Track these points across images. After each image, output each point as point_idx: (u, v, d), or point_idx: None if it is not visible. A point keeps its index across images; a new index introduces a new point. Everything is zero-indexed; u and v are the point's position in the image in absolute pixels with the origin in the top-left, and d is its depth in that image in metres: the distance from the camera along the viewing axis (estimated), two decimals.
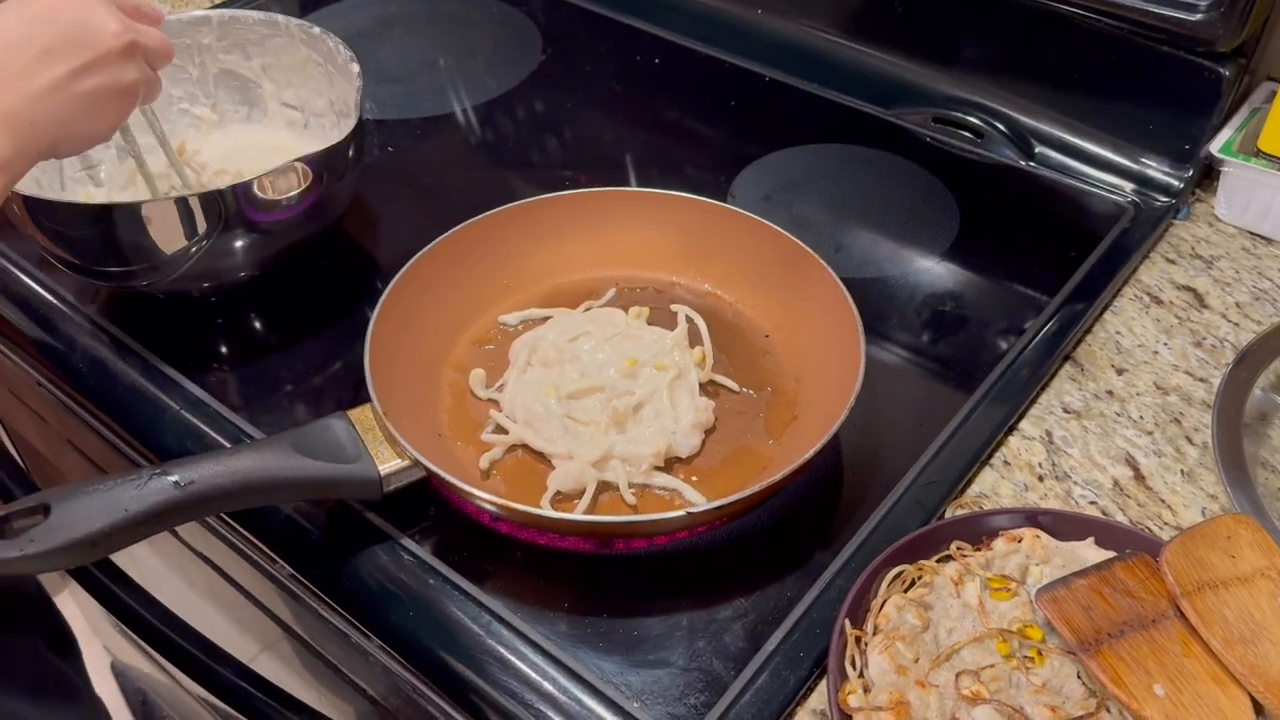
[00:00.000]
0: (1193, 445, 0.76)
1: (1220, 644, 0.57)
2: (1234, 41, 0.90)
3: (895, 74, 1.10)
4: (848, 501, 0.72)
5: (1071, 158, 1.01)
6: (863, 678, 0.58)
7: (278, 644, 0.89)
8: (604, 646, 0.64)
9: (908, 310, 0.87)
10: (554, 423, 0.74)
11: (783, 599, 0.66)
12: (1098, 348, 0.84)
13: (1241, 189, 0.94)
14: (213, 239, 0.78)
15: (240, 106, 0.99)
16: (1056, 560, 0.63)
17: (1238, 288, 0.90)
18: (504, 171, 1.04)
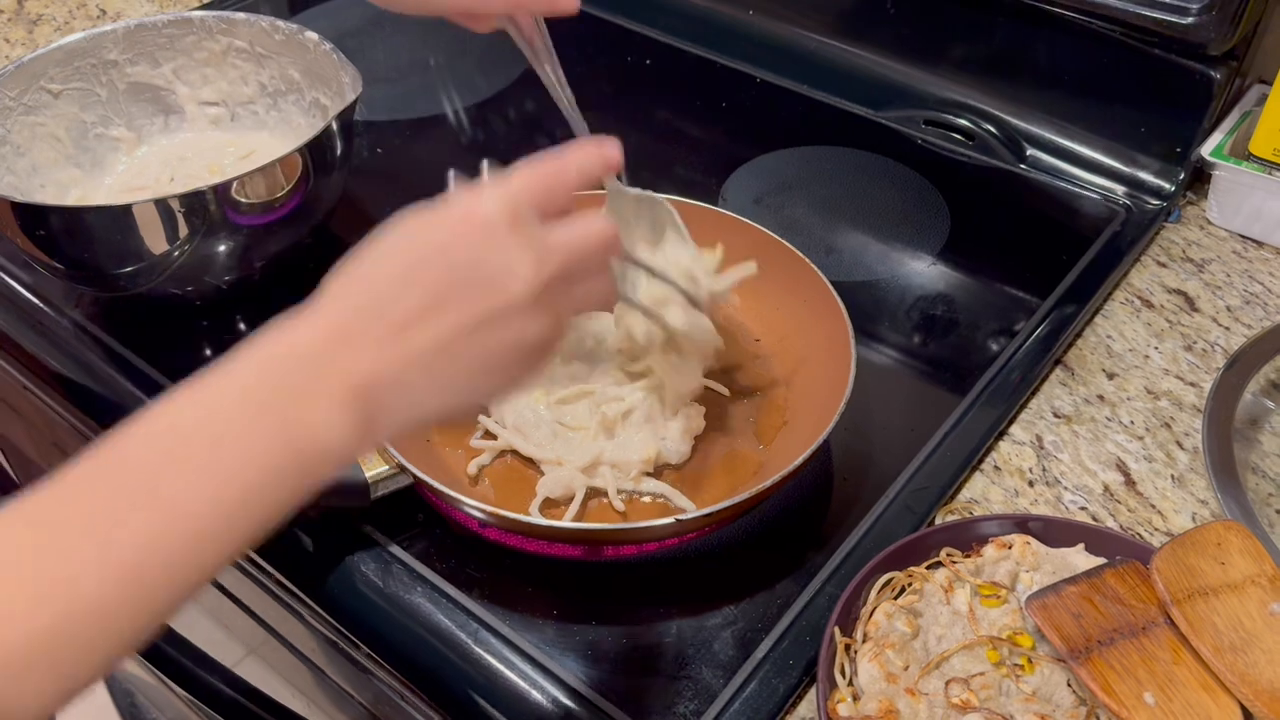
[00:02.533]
0: (1183, 450, 0.76)
1: (1210, 651, 0.56)
2: (1225, 45, 0.90)
3: (887, 76, 1.10)
4: (838, 507, 0.72)
5: (1063, 160, 1.01)
6: (852, 686, 0.58)
7: (264, 649, 0.88)
8: (592, 655, 0.63)
9: (898, 313, 0.87)
10: (543, 428, 0.73)
11: (772, 606, 0.65)
12: (1088, 352, 0.84)
13: (1233, 192, 0.94)
14: (196, 240, 0.78)
15: (155, 117, 0.97)
16: (1047, 567, 0.63)
17: (1229, 291, 0.90)
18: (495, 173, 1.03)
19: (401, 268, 0.46)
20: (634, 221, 0.78)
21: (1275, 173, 0.91)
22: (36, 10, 1.25)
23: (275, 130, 0.98)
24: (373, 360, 0.45)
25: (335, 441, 0.44)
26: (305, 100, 0.95)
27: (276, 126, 0.98)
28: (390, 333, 0.45)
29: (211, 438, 0.42)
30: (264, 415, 0.43)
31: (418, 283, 0.46)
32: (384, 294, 0.46)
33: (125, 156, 0.96)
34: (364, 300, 0.46)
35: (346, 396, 0.44)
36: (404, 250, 0.47)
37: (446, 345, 0.46)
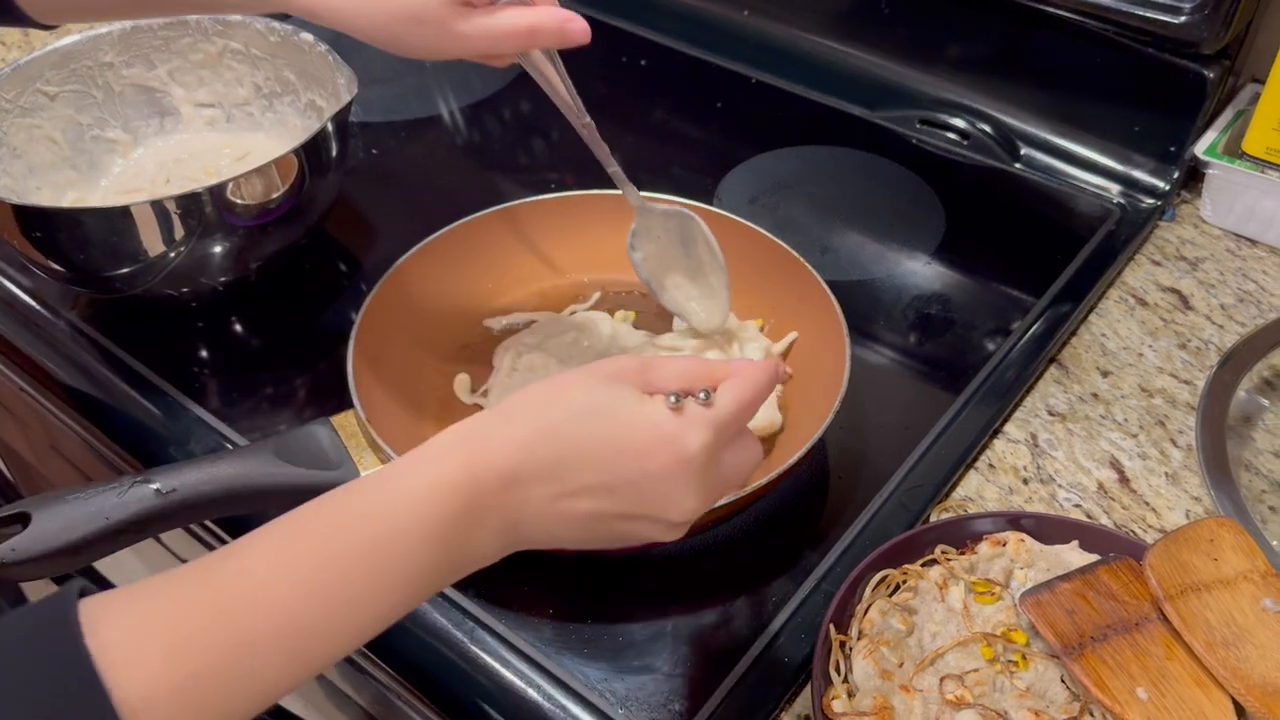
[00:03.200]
0: (1177, 448, 0.77)
1: (1203, 647, 0.57)
2: (1219, 44, 0.91)
3: (881, 76, 1.10)
4: (833, 505, 0.72)
5: (1057, 159, 1.02)
6: (847, 683, 0.58)
7: None
8: (588, 653, 0.63)
9: (894, 312, 0.87)
10: None
11: (767, 604, 0.66)
12: (1083, 350, 0.84)
13: (1226, 191, 0.95)
14: (192, 241, 0.78)
15: (151, 119, 0.97)
16: (1040, 564, 0.63)
17: (1222, 290, 0.90)
18: (490, 174, 1.04)
19: (597, 448, 0.50)
20: (663, 236, 0.80)
21: (1269, 171, 0.91)
22: None
23: (271, 132, 0.98)
24: (535, 511, 0.50)
25: (483, 559, 0.50)
26: (301, 102, 0.95)
27: (272, 128, 0.98)
28: (559, 496, 0.50)
29: (391, 554, 0.47)
30: (438, 542, 0.47)
31: (603, 469, 0.50)
32: (571, 462, 0.50)
33: (121, 158, 0.96)
34: (550, 459, 0.49)
35: (504, 528, 0.50)
36: (608, 433, 0.50)
37: (596, 519, 0.51)
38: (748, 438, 0.55)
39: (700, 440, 0.50)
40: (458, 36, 0.62)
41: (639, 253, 0.80)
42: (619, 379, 0.52)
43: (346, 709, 0.79)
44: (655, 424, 0.50)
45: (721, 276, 0.79)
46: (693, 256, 0.80)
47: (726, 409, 0.52)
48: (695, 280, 0.80)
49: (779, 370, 0.56)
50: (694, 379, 0.53)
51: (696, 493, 0.51)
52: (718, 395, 0.52)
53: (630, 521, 0.52)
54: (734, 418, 0.53)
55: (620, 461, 0.50)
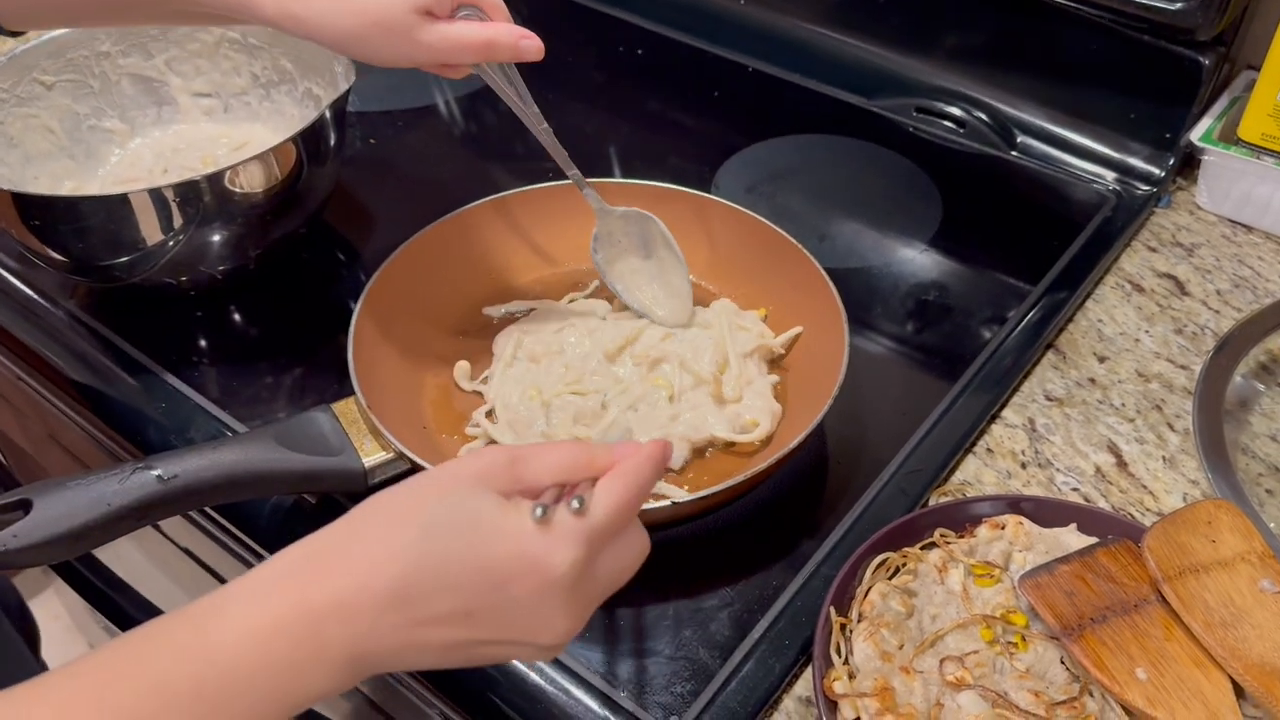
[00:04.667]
0: (1174, 432, 0.77)
1: (1201, 627, 0.57)
2: (1213, 30, 0.91)
3: (878, 64, 1.10)
4: (832, 490, 0.72)
5: (1053, 147, 1.02)
6: (848, 664, 0.59)
7: None
8: (590, 637, 0.64)
9: (891, 300, 0.88)
10: (536, 428, 0.73)
11: (768, 587, 0.66)
12: (1080, 336, 0.85)
13: (1222, 177, 0.95)
14: (190, 230, 0.78)
15: (149, 109, 0.97)
16: (1039, 546, 0.64)
17: (1218, 275, 0.90)
18: (487, 163, 1.04)
19: (453, 571, 0.45)
20: (624, 238, 0.82)
21: (1264, 157, 0.92)
22: None
23: (268, 121, 0.98)
24: (384, 643, 0.45)
25: (325, 693, 0.45)
26: (298, 91, 0.95)
27: (269, 117, 0.98)
28: (412, 624, 0.45)
29: (216, 703, 0.42)
30: (268, 687, 0.43)
31: (461, 595, 0.45)
32: (424, 588, 0.45)
33: (118, 148, 0.96)
34: (400, 584, 0.44)
35: (348, 661, 0.44)
36: (466, 554, 0.45)
37: (455, 647, 0.46)
38: (630, 532, 0.50)
39: (569, 558, 0.45)
40: (420, 45, 0.65)
41: (601, 255, 0.83)
42: (484, 483, 0.47)
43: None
44: (519, 543, 0.45)
45: (682, 274, 0.82)
46: (654, 257, 0.82)
47: (602, 517, 0.47)
48: (657, 280, 0.82)
49: (665, 455, 0.51)
50: (571, 472, 0.48)
51: (567, 614, 0.47)
52: (594, 497, 0.47)
53: (495, 647, 0.47)
54: (610, 524, 0.48)
55: (479, 586, 0.45)
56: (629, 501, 0.48)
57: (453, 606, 0.45)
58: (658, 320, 0.81)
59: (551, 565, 0.45)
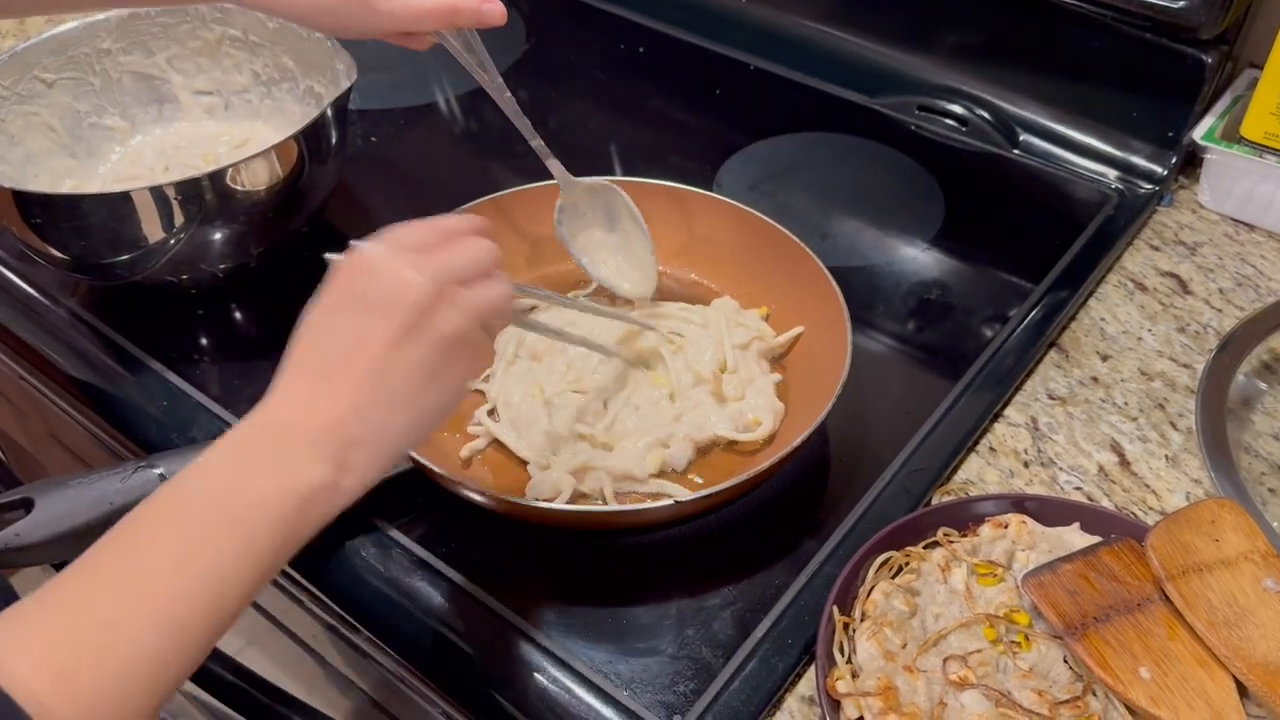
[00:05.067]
0: (1177, 431, 0.77)
1: (1204, 627, 0.57)
2: (1217, 29, 0.91)
3: (880, 62, 1.10)
4: (835, 489, 0.72)
5: (1056, 145, 1.02)
6: (851, 664, 0.58)
7: (266, 637, 0.89)
8: (593, 636, 0.64)
9: (894, 298, 0.87)
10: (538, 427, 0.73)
11: (771, 587, 0.66)
12: (1082, 334, 0.85)
13: (1224, 176, 0.95)
14: (192, 228, 0.78)
15: (150, 106, 0.97)
16: (1042, 546, 0.64)
17: (1221, 274, 0.90)
18: (488, 161, 1.04)
19: (321, 321, 0.53)
20: (589, 211, 0.82)
21: (1267, 156, 0.92)
22: None
23: (269, 119, 0.98)
24: (326, 399, 0.50)
25: (319, 477, 0.49)
26: (299, 88, 0.95)
27: (271, 115, 0.98)
28: (331, 372, 0.51)
29: (214, 500, 0.48)
30: (256, 474, 0.49)
31: (336, 328, 0.52)
32: (315, 345, 0.52)
33: (119, 146, 0.96)
34: (303, 356, 0.52)
35: (317, 438, 0.50)
36: (319, 310, 0.53)
37: (381, 366, 0.51)
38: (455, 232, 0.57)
39: (370, 244, 0.53)
40: (382, 14, 0.66)
41: (565, 226, 0.82)
42: None
43: (350, 693, 0.80)
44: (338, 270, 0.54)
45: (647, 246, 0.82)
46: (619, 230, 0.82)
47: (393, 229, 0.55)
48: (622, 252, 0.83)
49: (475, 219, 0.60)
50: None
51: (405, 267, 0.52)
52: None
53: (405, 343, 0.51)
54: (403, 228, 0.55)
55: (340, 311, 0.52)
56: (422, 223, 0.57)
57: (344, 338, 0.52)
58: (622, 293, 0.82)
59: (360, 253, 0.53)
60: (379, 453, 0.52)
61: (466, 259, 0.55)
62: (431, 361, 0.52)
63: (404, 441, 0.53)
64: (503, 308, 0.57)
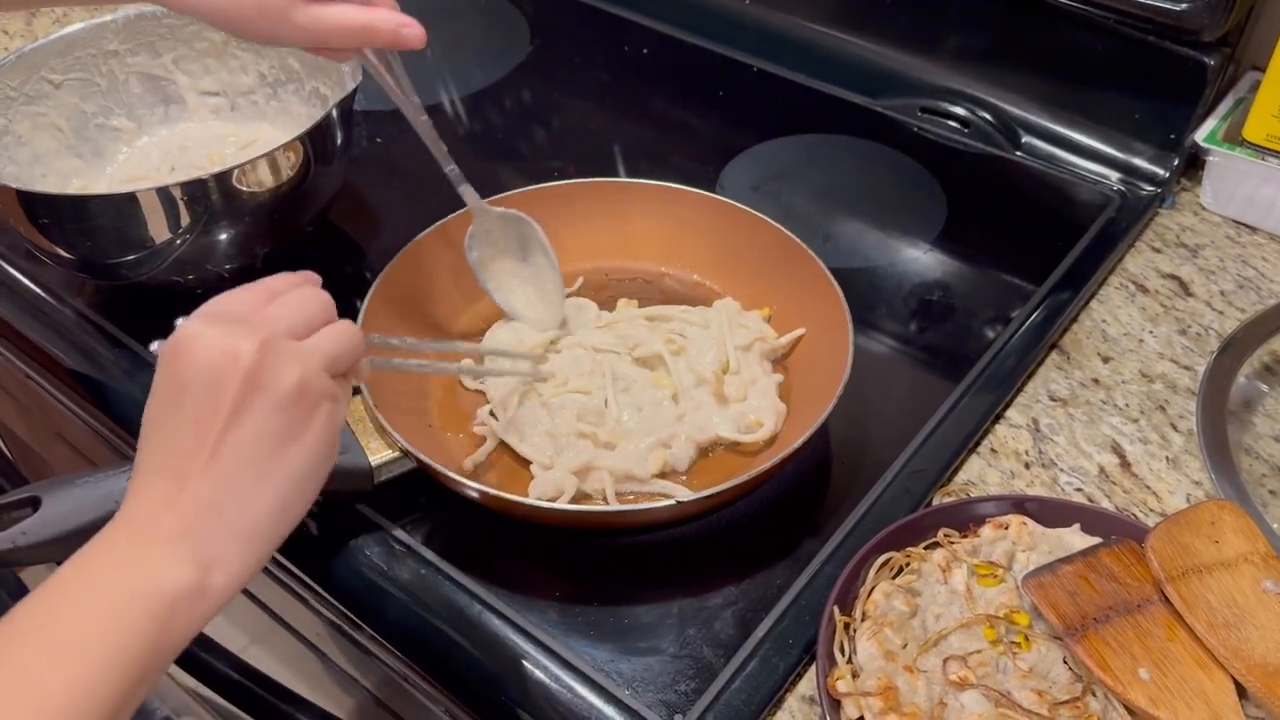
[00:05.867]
0: (1178, 432, 0.77)
1: (1204, 628, 0.57)
2: (1219, 31, 0.91)
3: (883, 64, 1.10)
4: (836, 490, 0.72)
5: (1058, 147, 1.02)
6: (851, 663, 0.59)
7: (270, 635, 0.89)
8: (595, 635, 0.64)
9: (895, 300, 0.88)
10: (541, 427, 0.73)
11: (772, 586, 0.66)
12: (1084, 336, 0.85)
13: (1226, 178, 0.95)
14: (198, 228, 0.78)
15: (156, 107, 0.97)
16: (1043, 546, 0.64)
17: (1222, 276, 0.90)
18: (492, 163, 1.04)
19: (155, 417, 0.50)
20: (503, 240, 0.81)
21: (1269, 158, 0.92)
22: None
23: (275, 120, 0.98)
24: (178, 498, 0.47)
25: (182, 581, 0.46)
26: (305, 90, 0.96)
27: (276, 116, 0.98)
28: (176, 468, 0.48)
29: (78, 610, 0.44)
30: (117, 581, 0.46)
31: (170, 420, 0.49)
32: (156, 444, 0.49)
33: (126, 146, 0.96)
34: (147, 458, 0.49)
35: (174, 540, 0.47)
36: (152, 405, 0.50)
37: (223, 449, 0.48)
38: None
39: (180, 325, 0.51)
40: (294, 27, 0.65)
41: (476, 253, 0.81)
42: None
43: (353, 691, 0.80)
44: (160, 362, 0.51)
45: (556, 280, 0.81)
46: (531, 262, 0.82)
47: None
48: (532, 284, 0.82)
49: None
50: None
51: (225, 335, 0.49)
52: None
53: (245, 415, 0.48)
54: (218, 298, 0.54)
55: (170, 404, 0.49)
56: (236, 290, 0.55)
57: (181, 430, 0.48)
58: (529, 324, 0.80)
59: (172, 339, 0.50)
60: (249, 540, 0.49)
61: (292, 311, 0.53)
62: (277, 425, 0.49)
63: (277, 520, 0.50)
64: (348, 348, 0.54)
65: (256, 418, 0.49)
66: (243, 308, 0.53)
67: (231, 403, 0.48)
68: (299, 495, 0.51)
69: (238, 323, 0.50)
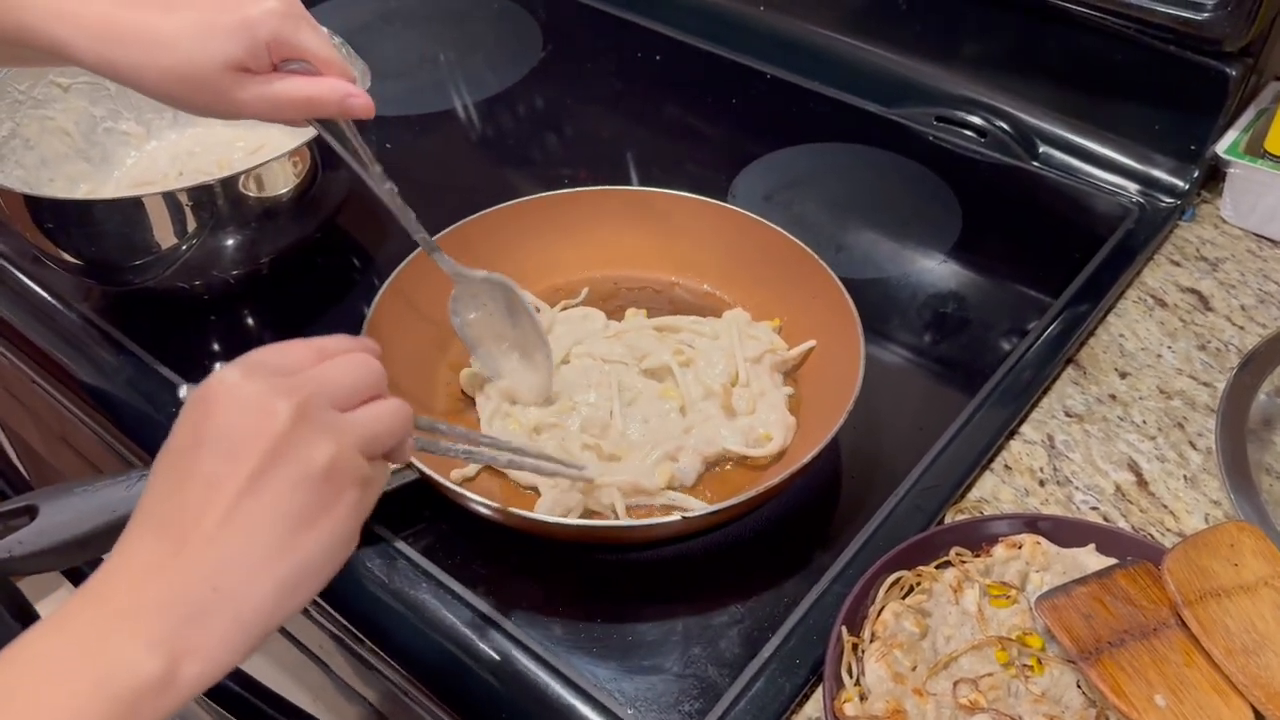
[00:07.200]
0: (1196, 451, 0.76)
1: (1222, 654, 0.56)
2: (1241, 41, 0.89)
3: (898, 72, 1.09)
4: (846, 506, 0.71)
5: (1076, 158, 1.01)
6: (859, 685, 0.58)
7: (271, 646, 0.88)
8: (598, 652, 0.63)
9: (909, 311, 0.86)
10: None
11: (779, 605, 0.65)
12: (1101, 351, 0.84)
13: (1248, 190, 0.93)
14: (204, 234, 0.78)
15: (165, 112, 0.97)
16: (1057, 567, 0.63)
17: (1243, 290, 0.89)
18: (503, 169, 1.03)
19: (169, 465, 0.45)
20: (488, 302, 0.76)
21: None
22: None
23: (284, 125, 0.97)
24: (168, 564, 0.42)
25: (145, 671, 0.40)
26: None
27: None
28: (176, 527, 0.43)
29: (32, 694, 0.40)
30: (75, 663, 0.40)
31: (184, 472, 0.44)
32: (162, 495, 0.44)
33: (134, 151, 0.96)
34: (149, 507, 0.44)
35: (146, 618, 0.41)
36: (167, 452, 0.45)
37: (235, 516, 0.43)
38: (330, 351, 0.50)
39: (223, 370, 0.45)
40: (236, 103, 0.61)
41: (460, 318, 0.76)
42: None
43: (356, 704, 0.79)
44: (189, 407, 0.45)
45: (544, 350, 0.75)
46: (519, 326, 0.76)
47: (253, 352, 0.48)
48: (520, 349, 0.77)
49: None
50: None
51: (264, 395, 0.44)
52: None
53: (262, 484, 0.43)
54: (263, 350, 0.48)
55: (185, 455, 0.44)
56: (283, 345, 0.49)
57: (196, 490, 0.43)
58: (518, 397, 0.76)
59: (210, 384, 0.45)
60: (239, 629, 0.43)
61: (340, 376, 0.48)
62: (302, 503, 0.44)
63: (275, 609, 0.44)
64: (393, 429, 0.49)
65: (278, 488, 0.43)
66: (288, 362, 0.48)
67: (254, 466, 0.43)
68: (306, 585, 0.45)
69: (278, 378, 0.46)
